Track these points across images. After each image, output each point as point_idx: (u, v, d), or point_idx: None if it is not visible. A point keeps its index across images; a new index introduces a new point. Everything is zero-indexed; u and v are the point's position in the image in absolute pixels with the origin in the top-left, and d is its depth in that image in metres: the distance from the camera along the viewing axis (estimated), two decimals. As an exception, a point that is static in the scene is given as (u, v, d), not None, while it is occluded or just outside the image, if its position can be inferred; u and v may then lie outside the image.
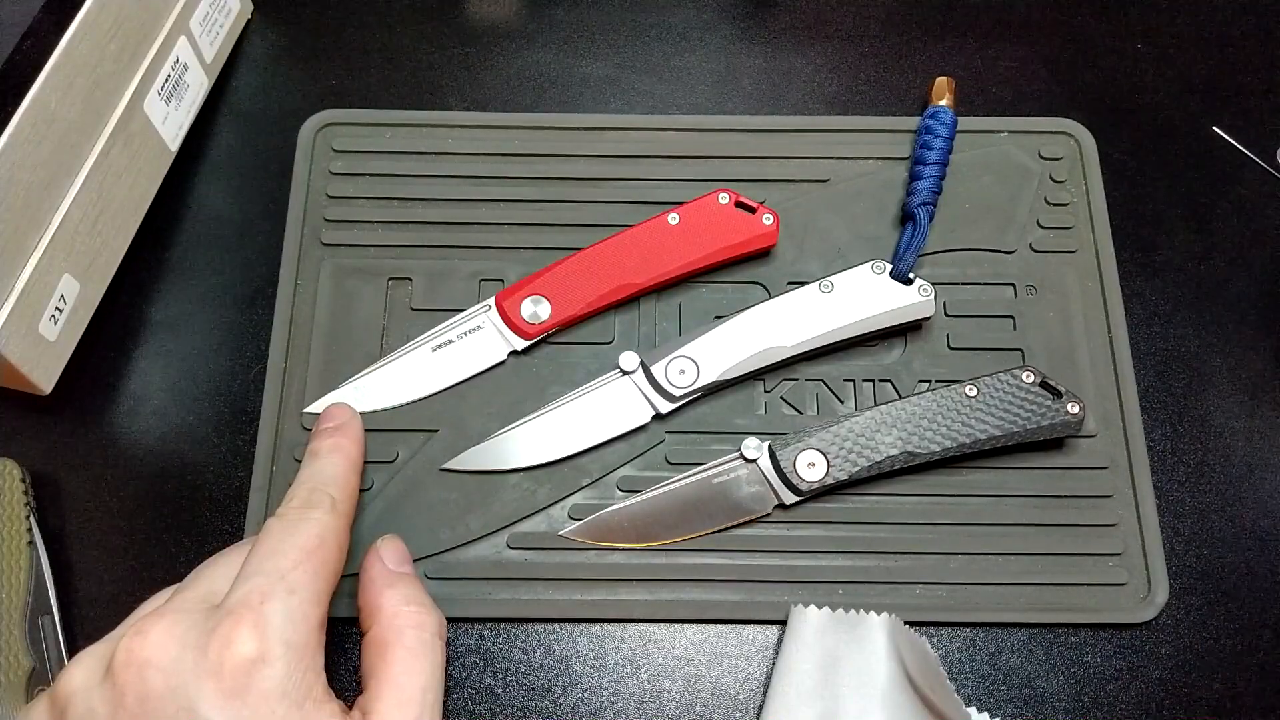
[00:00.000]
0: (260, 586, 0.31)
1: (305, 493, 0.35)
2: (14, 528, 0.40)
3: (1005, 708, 0.40)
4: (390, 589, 0.36)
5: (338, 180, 0.48)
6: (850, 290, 0.44)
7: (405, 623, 0.34)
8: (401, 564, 0.37)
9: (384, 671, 0.33)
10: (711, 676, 0.41)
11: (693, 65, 0.53)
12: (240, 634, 0.29)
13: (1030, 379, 0.42)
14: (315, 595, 0.32)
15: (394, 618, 0.35)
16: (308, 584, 0.31)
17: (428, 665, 0.34)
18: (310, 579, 0.32)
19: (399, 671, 0.33)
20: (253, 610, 0.30)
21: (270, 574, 0.31)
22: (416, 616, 0.35)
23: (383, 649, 0.34)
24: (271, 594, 0.30)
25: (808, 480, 0.41)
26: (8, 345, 0.39)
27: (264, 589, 0.31)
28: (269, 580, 0.31)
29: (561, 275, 0.45)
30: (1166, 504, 0.44)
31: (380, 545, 0.38)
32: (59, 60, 0.39)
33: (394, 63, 0.53)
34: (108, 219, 0.44)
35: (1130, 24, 0.55)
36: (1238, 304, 0.48)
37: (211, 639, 0.29)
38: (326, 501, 0.35)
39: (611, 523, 0.42)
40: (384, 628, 0.34)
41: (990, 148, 0.50)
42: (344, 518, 0.35)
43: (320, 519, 0.34)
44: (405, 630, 0.34)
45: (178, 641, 0.29)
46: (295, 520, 0.34)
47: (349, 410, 0.40)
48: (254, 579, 0.31)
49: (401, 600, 0.35)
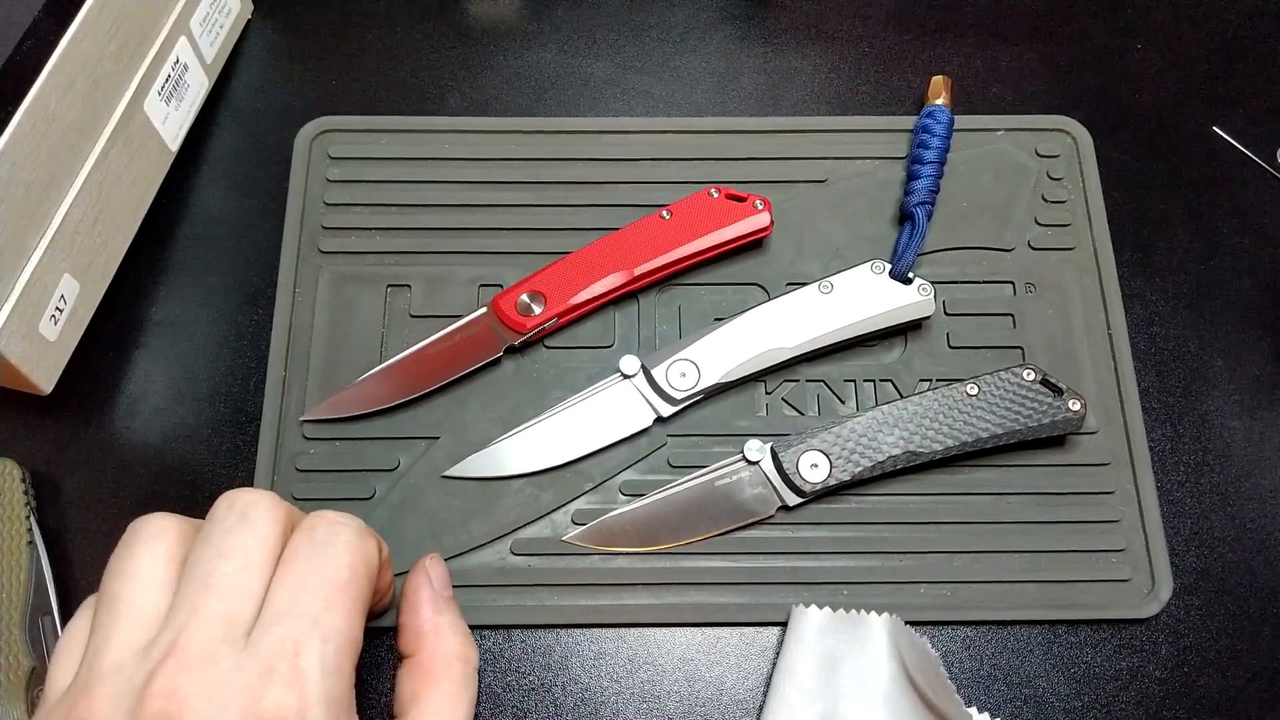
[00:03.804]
0: (294, 634, 0.29)
1: (334, 513, 0.33)
2: (14, 528, 0.40)
3: (1005, 708, 0.40)
4: (439, 615, 0.35)
5: (334, 187, 0.48)
6: (850, 290, 0.44)
7: (454, 654, 0.34)
8: (446, 587, 0.37)
9: (428, 703, 0.32)
10: (711, 676, 0.41)
11: (693, 65, 0.53)
12: (275, 693, 0.28)
13: (1031, 377, 0.42)
14: (349, 639, 0.30)
15: (442, 647, 0.34)
16: (341, 628, 0.30)
17: (469, 698, 0.33)
18: (343, 620, 0.30)
19: (444, 704, 0.32)
20: (289, 664, 0.28)
21: (303, 617, 0.29)
22: (463, 648, 0.34)
23: (429, 679, 0.33)
24: (305, 644, 0.29)
25: (810, 481, 0.41)
26: (8, 345, 0.39)
27: (297, 637, 0.29)
28: (302, 627, 0.29)
29: (555, 272, 0.45)
30: (1167, 504, 0.44)
31: (429, 565, 0.37)
32: (59, 60, 0.39)
33: (394, 62, 0.53)
34: (108, 219, 0.44)
35: (1130, 24, 0.55)
36: (1238, 304, 0.48)
37: (245, 693, 0.28)
38: (356, 522, 0.33)
39: (615, 527, 0.42)
40: (431, 656, 0.34)
41: (987, 146, 0.50)
42: (373, 543, 0.33)
43: (350, 542, 0.32)
44: (454, 663, 0.34)
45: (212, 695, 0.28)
46: (325, 542, 0.31)
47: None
48: (286, 621, 0.29)
49: (449, 629, 0.35)
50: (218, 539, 0.31)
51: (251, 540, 0.31)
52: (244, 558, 0.30)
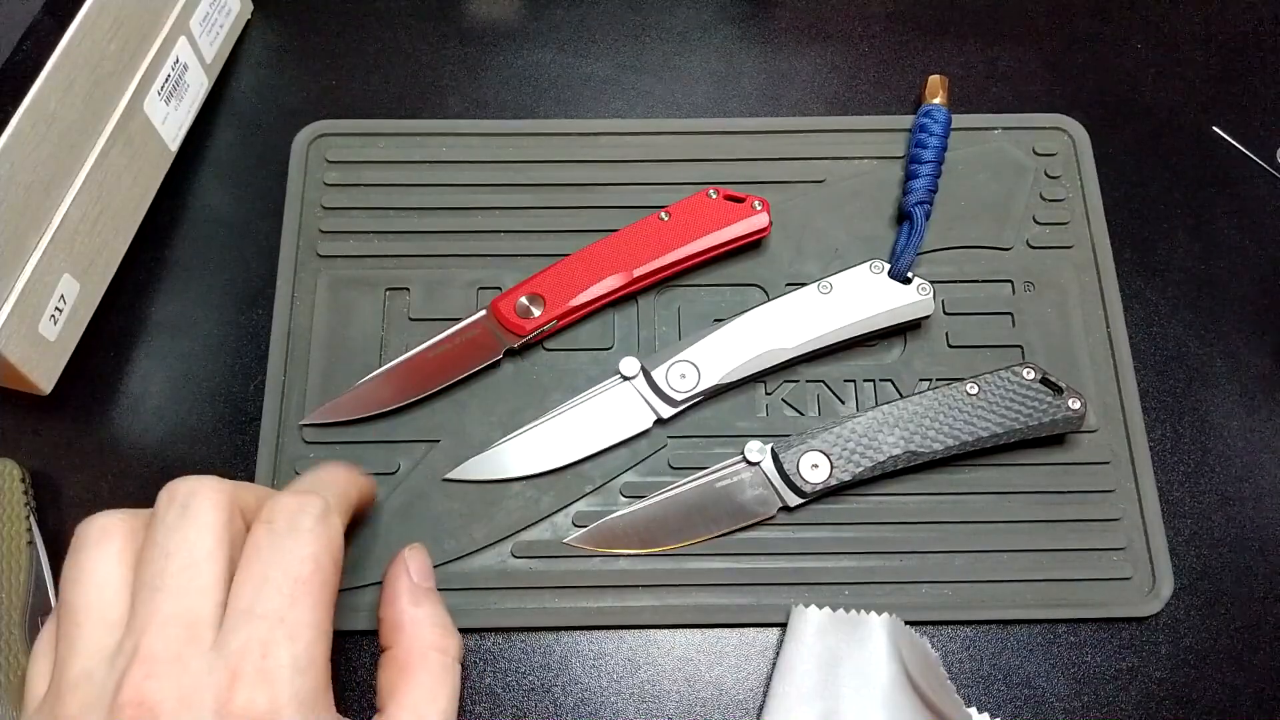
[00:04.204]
0: (260, 635, 0.29)
1: (296, 496, 0.32)
2: (14, 528, 0.40)
3: (1005, 708, 0.40)
4: (416, 607, 0.35)
5: (332, 191, 0.48)
6: (849, 290, 0.44)
7: (430, 645, 0.34)
8: (426, 578, 0.36)
9: (405, 696, 0.32)
10: (711, 677, 0.41)
11: (693, 65, 0.53)
12: (244, 694, 0.28)
13: (1031, 375, 0.42)
14: (318, 632, 0.30)
15: (418, 639, 0.34)
16: (309, 621, 0.30)
17: (449, 690, 0.33)
18: (309, 613, 0.30)
19: (421, 697, 0.32)
20: (255, 666, 0.28)
21: (268, 616, 0.29)
22: (441, 639, 0.34)
23: (405, 671, 0.33)
24: (273, 643, 0.29)
25: (811, 482, 0.41)
26: (8, 345, 0.39)
27: (264, 638, 0.29)
28: (268, 626, 0.29)
29: (554, 274, 0.44)
30: (1167, 503, 0.44)
31: (408, 557, 0.37)
32: (59, 60, 0.39)
33: (394, 62, 0.53)
34: (108, 219, 0.44)
35: (1130, 24, 0.55)
36: (1238, 304, 0.48)
37: (216, 696, 0.28)
38: (317, 506, 0.32)
39: (616, 529, 0.42)
40: (407, 649, 0.34)
41: (984, 145, 0.50)
42: (337, 526, 0.33)
43: (312, 531, 0.31)
44: (430, 654, 0.33)
45: (184, 698, 0.28)
46: (284, 535, 0.31)
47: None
48: (252, 622, 0.29)
49: (427, 620, 0.34)
50: (162, 537, 0.30)
51: (194, 533, 0.30)
52: (189, 553, 0.30)
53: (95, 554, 0.31)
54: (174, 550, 0.30)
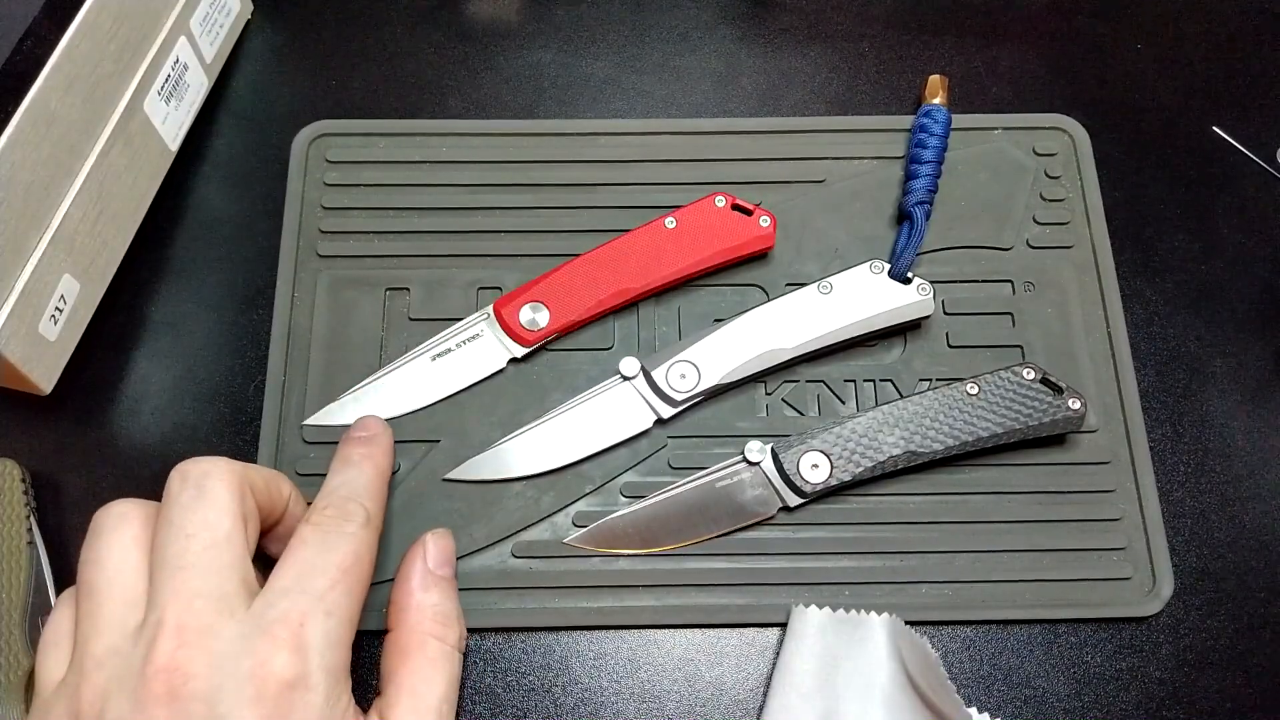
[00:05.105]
0: (300, 606, 0.30)
1: (340, 502, 0.34)
2: (14, 528, 0.40)
3: (1005, 708, 0.40)
4: (423, 592, 0.35)
5: (332, 191, 0.48)
6: (849, 290, 0.44)
7: (429, 631, 0.34)
8: (443, 565, 0.37)
9: (404, 679, 0.33)
10: (711, 677, 0.41)
11: (693, 66, 0.53)
12: (280, 657, 0.29)
13: (1031, 375, 0.42)
14: (350, 617, 0.32)
15: (419, 625, 0.34)
16: (344, 605, 0.31)
17: (446, 676, 0.34)
18: (345, 599, 0.31)
19: (418, 681, 0.33)
20: (292, 632, 0.29)
21: (309, 592, 0.31)
22: (440, 626, 0.35)
23: (404, 655, 0.34)
24: (310, 615, 0.30)
25: (811, 482, 0.41)
26: (8, 345, 0.39)
27: (303, 609, 0.30)
28: (308, 600, 0.30)
29: (559, 282, 0.44)
30: (1167, 503, 0.44)
31: (428, 541, 0.37)
32: (59, 60, 0.39)
33: (394, 62, 0.53)
34: (108, 219, 0.44)
35: (1130, 24, 0.55)
36: (1238, 304, 0.48)
37: (250, 658, 0.29)
38: (361, 515, 0.34)
39: (616, 529, 0.42)
40: (407, 633, 0.34)
41: (984, 145, 0.50)
42: (376, 532, 0.35)
43: (356, 534, 0.33)
44: (428, 640, 0.34)
45: (215, 664, 0.29)
46: (332, 533, 0.33)
47: (381, 423, 0.40)
48: (292, 596, 0.31)
49: (430, 607, 0.35)
50: (179, 517, 0.31)
51: (213, 514, 0.31)
52: (210, 534, 0.31)
53: (113, 538, 0.31)
54: (195, 530, 0.31)
